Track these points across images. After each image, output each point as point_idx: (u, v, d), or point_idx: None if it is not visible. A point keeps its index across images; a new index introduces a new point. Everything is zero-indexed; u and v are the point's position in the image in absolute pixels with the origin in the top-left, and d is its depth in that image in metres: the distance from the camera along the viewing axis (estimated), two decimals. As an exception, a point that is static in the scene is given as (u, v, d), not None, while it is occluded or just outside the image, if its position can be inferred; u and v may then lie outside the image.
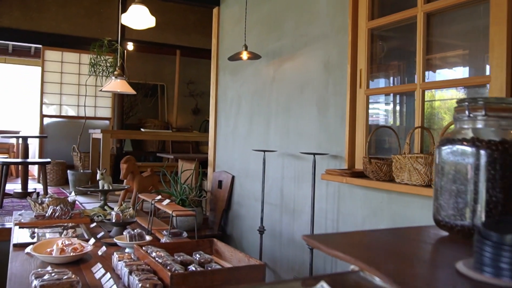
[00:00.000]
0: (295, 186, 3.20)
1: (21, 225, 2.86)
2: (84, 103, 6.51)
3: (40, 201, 3.22)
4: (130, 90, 4.69)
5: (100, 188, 3.68)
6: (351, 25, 2.70)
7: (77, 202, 4.64)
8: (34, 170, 7.78)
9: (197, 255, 2.13)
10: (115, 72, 4.64)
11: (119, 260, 2.03)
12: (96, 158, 6.04)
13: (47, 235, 2.60)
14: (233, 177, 4.04)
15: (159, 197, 2.98)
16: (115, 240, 2.43)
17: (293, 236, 3.20)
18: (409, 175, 2.09)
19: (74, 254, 2.19)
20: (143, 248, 2.12)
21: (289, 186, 3.26)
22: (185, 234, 2.64)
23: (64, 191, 5.89)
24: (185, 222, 3.93)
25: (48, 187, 5.84)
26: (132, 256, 2.11)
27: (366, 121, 2.66)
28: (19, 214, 3.20)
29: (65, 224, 2.90)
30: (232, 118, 4.13)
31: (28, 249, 2.30)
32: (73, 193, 3.37)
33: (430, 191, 1.93)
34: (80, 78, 7.19)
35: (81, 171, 5.87)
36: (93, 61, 5.61)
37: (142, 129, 5.94)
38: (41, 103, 6.99)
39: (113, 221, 2.71)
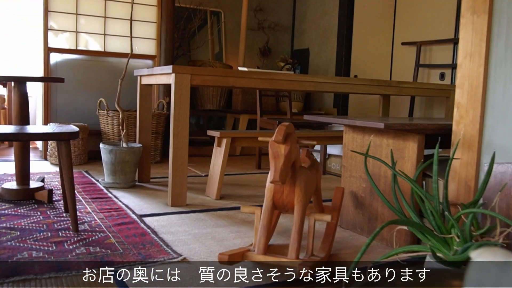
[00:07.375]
0: None
1: None
2: (130, 28, 3.80)
3: None
4: None
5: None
6: None
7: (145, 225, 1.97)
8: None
9: None
10: None
11: None
12: (147, 120, 3.43)
13: None
14: None
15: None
16: None
17: None
18: None
19: None
20: None
21: None
22: None
23: (94, 180, 3.28)
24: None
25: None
26: None
27: None
28: None
29: None
30: None
31: None
32: None
33: None
34: (106, -9, 4.46)
35: (124, 145, 3.27)
36: None
37: (241, 68, 3.28)
38: (46, 28, 4.26)
39: None
